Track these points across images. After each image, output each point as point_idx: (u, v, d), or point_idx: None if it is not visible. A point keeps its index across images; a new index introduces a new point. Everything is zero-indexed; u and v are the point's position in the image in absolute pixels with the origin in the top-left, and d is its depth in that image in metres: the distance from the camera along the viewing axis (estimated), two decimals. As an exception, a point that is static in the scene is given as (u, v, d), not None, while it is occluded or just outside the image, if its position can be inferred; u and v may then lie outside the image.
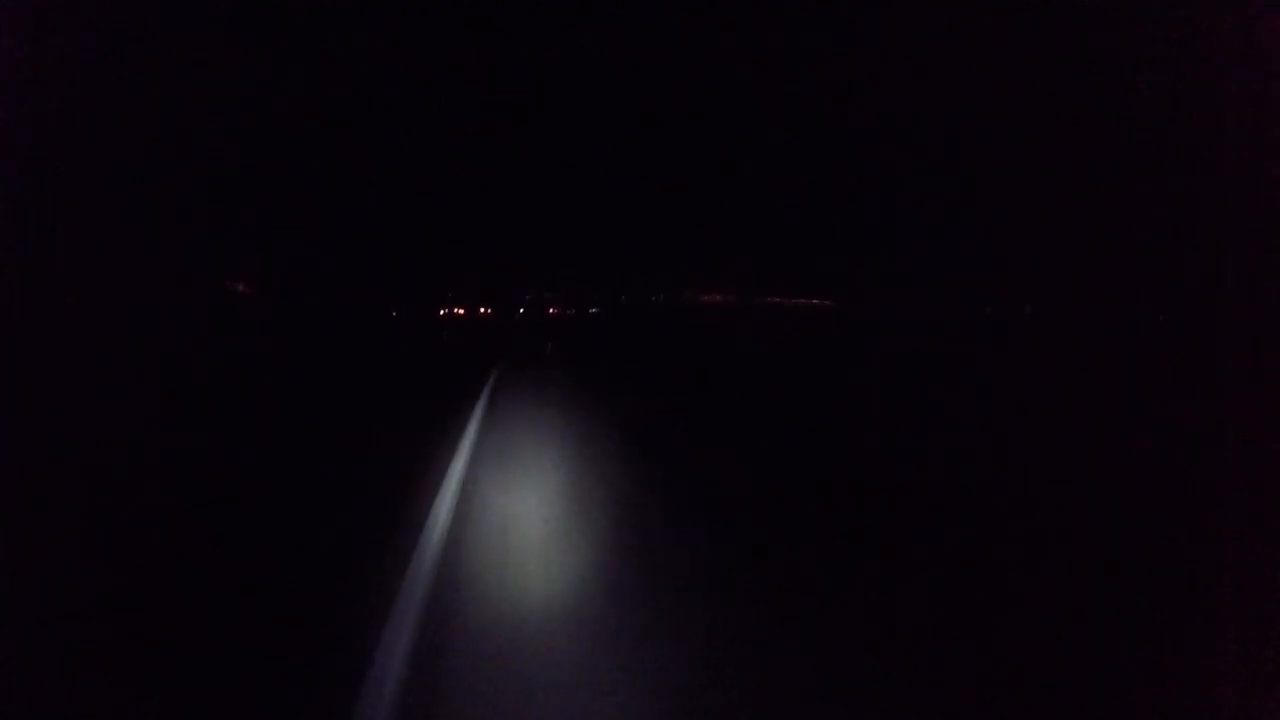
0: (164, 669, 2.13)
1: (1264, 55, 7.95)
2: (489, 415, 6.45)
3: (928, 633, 2.30)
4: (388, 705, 1.81)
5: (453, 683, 1.96)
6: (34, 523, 3.30)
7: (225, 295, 20.39)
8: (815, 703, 1.88)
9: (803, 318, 29.04)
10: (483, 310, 44.33)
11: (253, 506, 3.67)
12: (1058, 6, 13.86)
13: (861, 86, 21.98)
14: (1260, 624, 2.19)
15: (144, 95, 13.42)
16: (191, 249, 15.81)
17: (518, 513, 3.68)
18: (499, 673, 1.97)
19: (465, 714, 1.85)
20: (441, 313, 40.05)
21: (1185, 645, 2.14)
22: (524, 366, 13.54)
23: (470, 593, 2.58)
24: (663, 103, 31.23)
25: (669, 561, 2.90)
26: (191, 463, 4.64)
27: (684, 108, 31.40)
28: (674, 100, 30.71)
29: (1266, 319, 5.88)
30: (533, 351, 17.68)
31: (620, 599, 2.49)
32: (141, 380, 8.30)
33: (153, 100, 13.63)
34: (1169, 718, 1.87)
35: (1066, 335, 11.34)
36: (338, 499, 3.84)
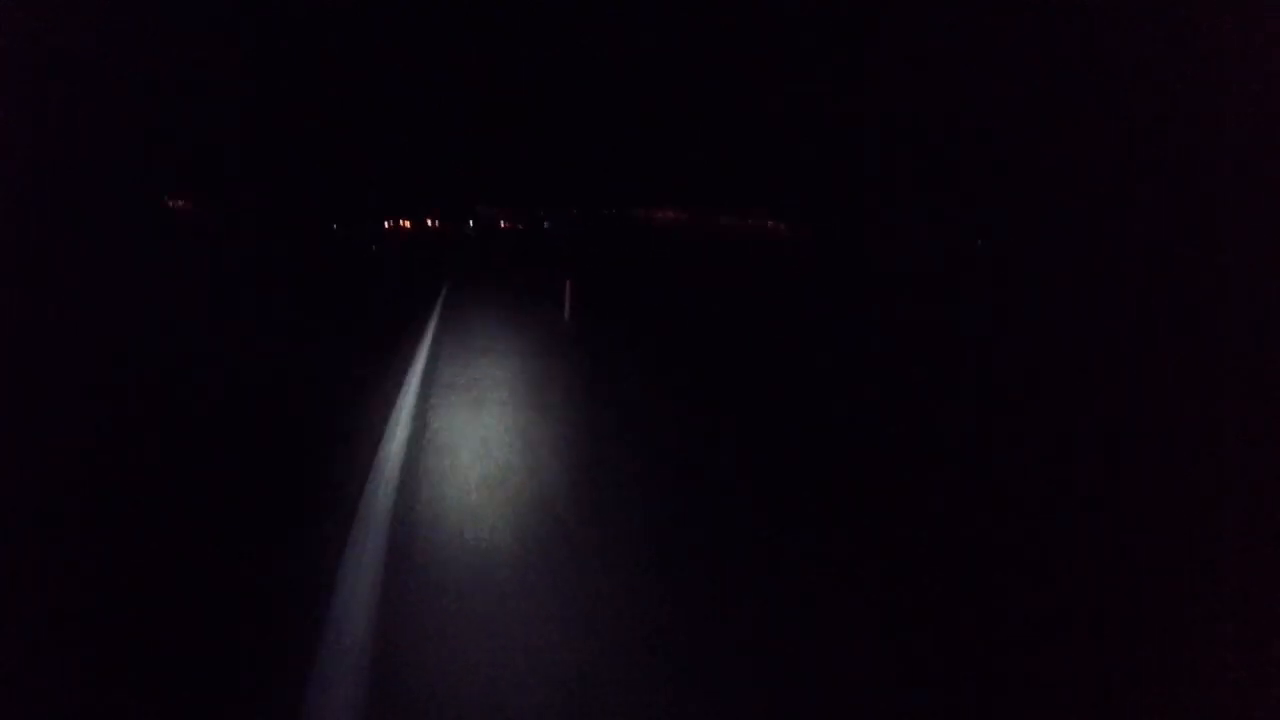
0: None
1: (1264, 55, 7.90)
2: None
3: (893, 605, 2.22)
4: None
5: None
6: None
7: (164, 213, 19.25)
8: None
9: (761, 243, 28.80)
10: (430, 223, 42.77)
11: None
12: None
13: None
14: (1260, 624, 2.20)
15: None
16: (129, 164, 14.79)
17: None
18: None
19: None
20: (385, 225, 38.49)
21: (1185, 645, 2.12)
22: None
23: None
24: (624, 18, 30.00)
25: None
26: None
27: (645, 23, 30.25)
28: (635, 15, 29.53)
29: (1266, 316, 5.95)
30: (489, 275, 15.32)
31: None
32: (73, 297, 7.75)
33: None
34: (1169, 718, 1.82)
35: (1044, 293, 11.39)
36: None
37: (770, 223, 30.52)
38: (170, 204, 19.95)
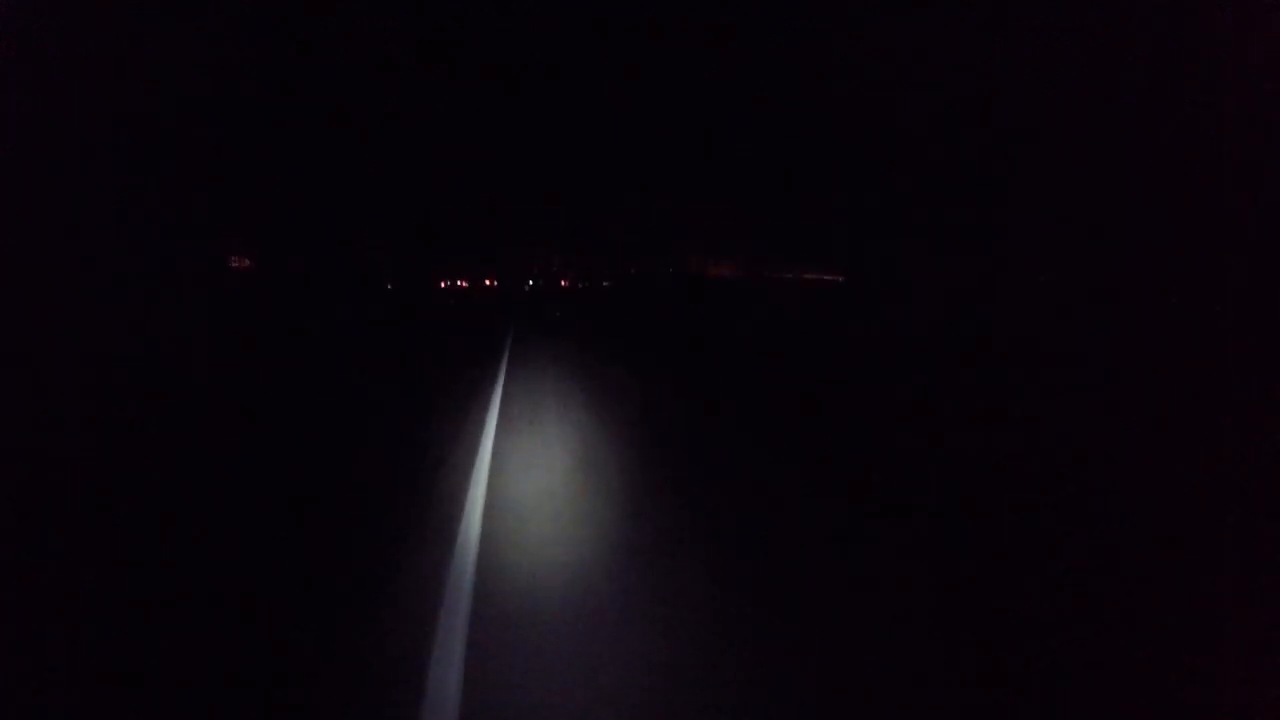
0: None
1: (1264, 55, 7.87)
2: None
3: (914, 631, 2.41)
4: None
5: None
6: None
7: (224, 272, 19.11)
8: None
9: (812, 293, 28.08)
10: (488, 282, 42.34)
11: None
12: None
13: (869, 60, 21.64)
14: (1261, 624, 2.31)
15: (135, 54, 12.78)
16: (186, 223, 15.07)
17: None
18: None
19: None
20: (442, 285, 38.16)
21: (1186, 645, 2.25)
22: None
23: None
24: (673, 76, 30.41)
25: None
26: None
27: (695, 81, 30.59)
28: (684, 74, 29.94)
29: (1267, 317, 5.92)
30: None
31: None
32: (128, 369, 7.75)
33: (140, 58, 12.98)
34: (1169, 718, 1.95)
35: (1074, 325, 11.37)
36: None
37: (828, 275, 30.40)
38: (234, 264, 19.78)
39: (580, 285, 44.06)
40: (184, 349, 9.92)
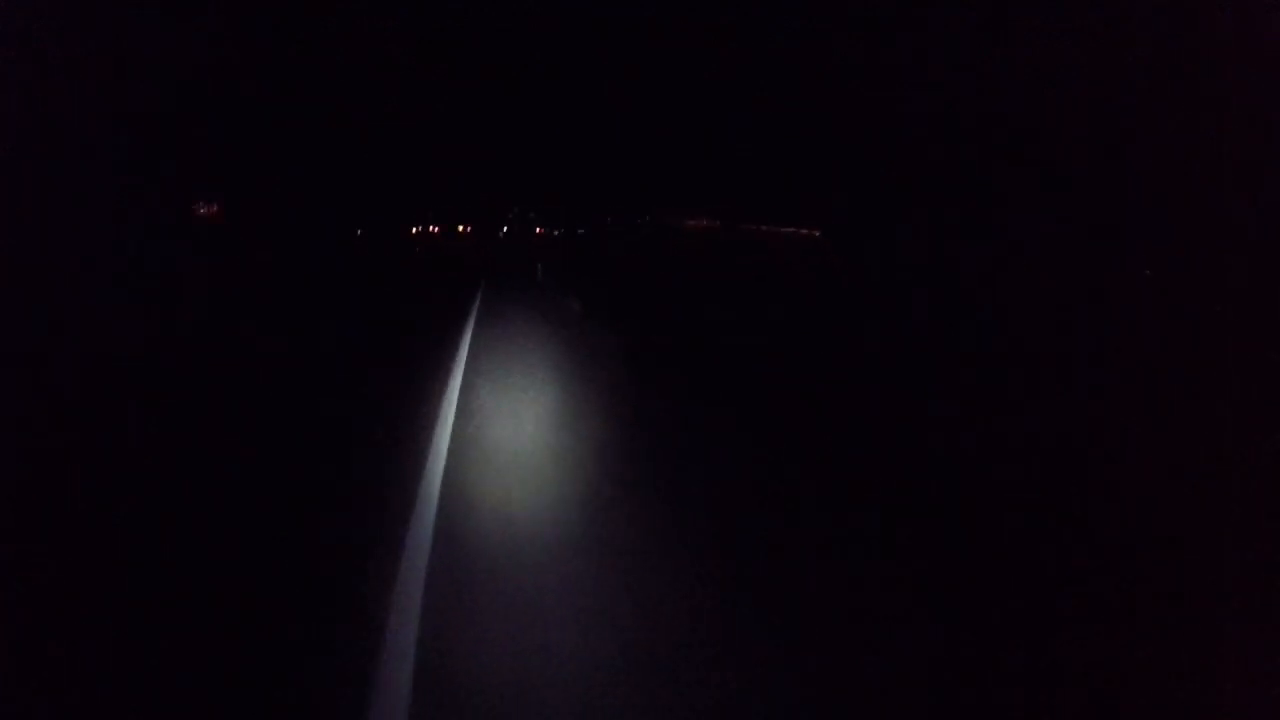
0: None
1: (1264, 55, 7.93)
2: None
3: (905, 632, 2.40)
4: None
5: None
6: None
7: (192, 219, 18.98)
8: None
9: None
10: (461, 229, 41.68)
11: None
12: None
13: (858, 42, 21.45)
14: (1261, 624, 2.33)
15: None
16: (154, 169, 14.79)
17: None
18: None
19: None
20: (413, 230, 37.26)
21: (1186, 645, 2.27)
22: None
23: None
24: (650, 21, 29.99)
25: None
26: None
27: (672, 27, 30.21)
28: (662, 20, 29.52)
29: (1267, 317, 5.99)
30: None
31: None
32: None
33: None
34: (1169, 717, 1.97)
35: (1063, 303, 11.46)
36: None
37: (805, 230, 30.22)
38: (201, 210, 19.37)
39: (555, 233, 43.76)
40: (156, 299, 9.81)
